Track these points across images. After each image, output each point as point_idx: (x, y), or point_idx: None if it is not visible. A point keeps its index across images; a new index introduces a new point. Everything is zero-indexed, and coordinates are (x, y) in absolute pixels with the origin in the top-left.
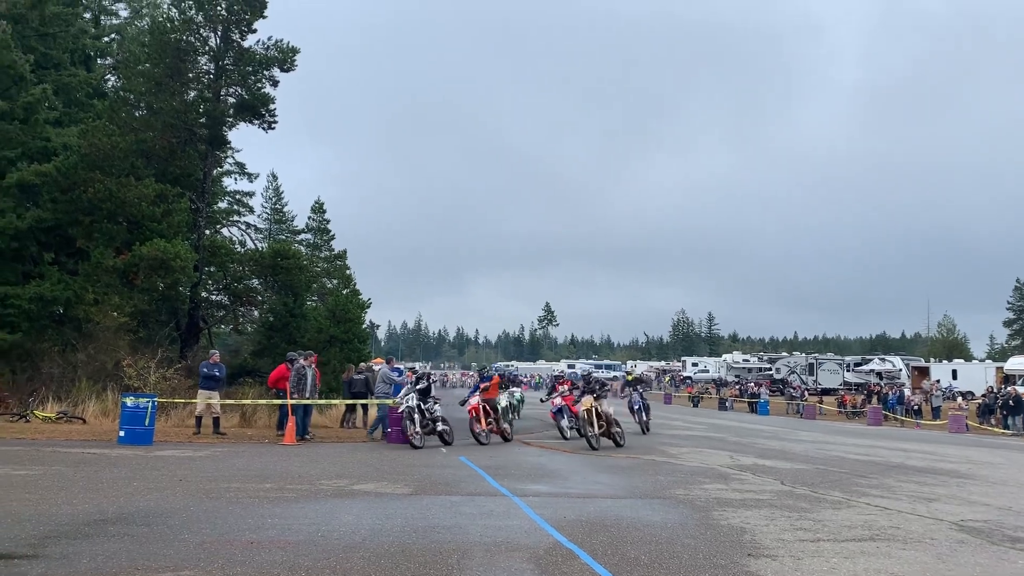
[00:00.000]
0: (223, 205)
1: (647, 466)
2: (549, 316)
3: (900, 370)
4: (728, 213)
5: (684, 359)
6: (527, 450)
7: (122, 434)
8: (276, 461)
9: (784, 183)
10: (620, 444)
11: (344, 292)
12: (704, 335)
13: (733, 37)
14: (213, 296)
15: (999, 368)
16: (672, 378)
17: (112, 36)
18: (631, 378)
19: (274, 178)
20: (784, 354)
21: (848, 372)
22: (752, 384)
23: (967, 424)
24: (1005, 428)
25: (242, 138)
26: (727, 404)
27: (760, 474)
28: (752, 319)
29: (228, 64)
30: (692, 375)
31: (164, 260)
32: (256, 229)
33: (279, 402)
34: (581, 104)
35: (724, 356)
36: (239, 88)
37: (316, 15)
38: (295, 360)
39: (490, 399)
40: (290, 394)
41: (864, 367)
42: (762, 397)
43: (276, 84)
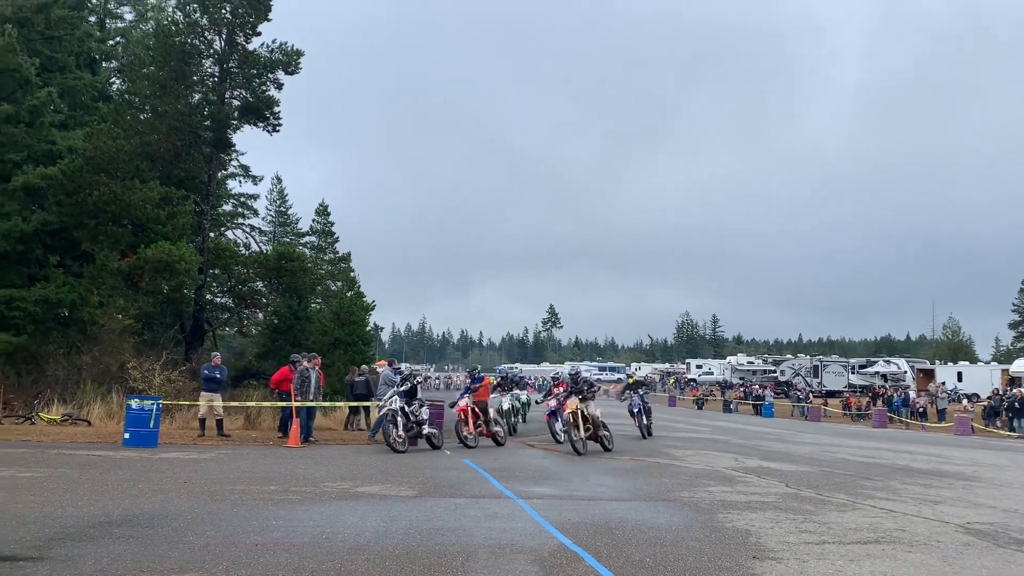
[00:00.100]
0: (227, 208)
1: (651, 468)
2: (553, 318)
3: (905, 372)
4: (731, 214)
5: (688, 361)
6: (531, 452)
7: (127, 436)
8: (280, 463)
9: (786, 184)
10: (608, 448)
11: (348, 294)
12: (708, 337)
13: (735, 38)
14: (217, 298)
15: (1004, 370)
16: (676, 380)
17: (117, 39)
18: (632, 380)
19: (278, 180)
20: (789, 356)
21: (853, 374)
22: (757, 386)
23: (972, 426)
24: (1011, 430)
25: (246, 141)
26: (731, 406)
27: (765, 476)
28: (756, 321)
29: (232, 67)
30: (696, 377)
31: (169, 263)
32: (260, 231)
33: (283, 404)
34: (583, 105)
35: (728, 358)
36: (243, 91)
37: (317, 16)
38: (298, 362)
39: (480, 401)
40: (294, 396)
41: (869, 369)
42: (767, 399)
43: (280, 87)
